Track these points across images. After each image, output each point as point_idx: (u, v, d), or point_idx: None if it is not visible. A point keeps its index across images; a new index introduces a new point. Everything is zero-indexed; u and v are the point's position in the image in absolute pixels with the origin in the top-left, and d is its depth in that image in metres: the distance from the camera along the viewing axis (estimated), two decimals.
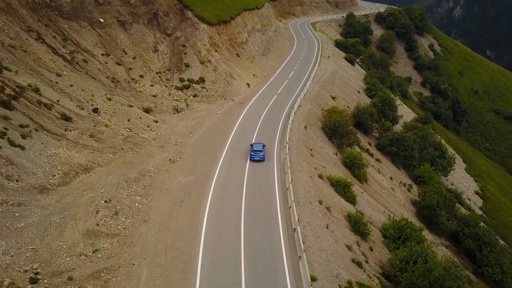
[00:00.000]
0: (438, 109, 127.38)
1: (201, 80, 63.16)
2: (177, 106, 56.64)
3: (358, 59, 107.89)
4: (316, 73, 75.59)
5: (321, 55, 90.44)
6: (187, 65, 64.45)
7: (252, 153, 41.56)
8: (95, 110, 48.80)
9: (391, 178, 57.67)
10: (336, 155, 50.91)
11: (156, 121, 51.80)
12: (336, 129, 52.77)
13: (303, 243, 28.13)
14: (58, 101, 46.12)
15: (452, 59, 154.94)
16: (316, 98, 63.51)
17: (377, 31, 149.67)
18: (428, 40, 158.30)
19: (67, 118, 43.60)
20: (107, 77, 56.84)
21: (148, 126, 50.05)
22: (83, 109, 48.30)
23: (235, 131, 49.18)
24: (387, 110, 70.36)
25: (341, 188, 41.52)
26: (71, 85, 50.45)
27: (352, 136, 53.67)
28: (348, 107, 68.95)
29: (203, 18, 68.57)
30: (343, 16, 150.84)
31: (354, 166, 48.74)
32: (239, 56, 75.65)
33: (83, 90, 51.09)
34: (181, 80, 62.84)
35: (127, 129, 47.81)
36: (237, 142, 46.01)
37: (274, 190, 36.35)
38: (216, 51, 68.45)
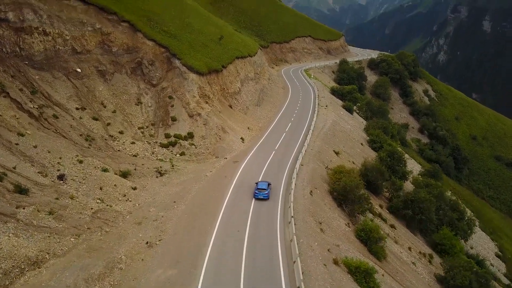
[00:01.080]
0: (439, 157, 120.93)
1: (190, 135, 55.37)
2: (161, 168, 48.30)
3: (355, 107, 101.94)
4: (316, 125, 68.52)
5: (318, 104, 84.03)
6: (174, 119, 56.87)
7: (256, 191, 40.80)
8: (61, 177, 40.30)
9: (409, 249, 49.05)
10: (348, 226, 42.47)
11: (135, 188, 43.24)
12: (347, 194, 44.68)
13: None
14: (14, 167, 37.73)
15: (447, 104, 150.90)
16: (319, 154, 55.86)
17: (371, 77, 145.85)
18: (422, 85, 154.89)
19: (21, 191, 35.02)
20: (81, 135, 48.74)
21: (124, 196, 41.42)
22: (46, 176, 39.82)
23: (228, 199, 40.74)
24: (395, 165, 62.87)
25: (362, 277, 32.79)
26: (35, 146, 42.25)
27: (364, 202, 45.54)
28: (353, 162, 61.33)
29: (192, 67, 61.89)
30: (336, 63, 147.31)
31: (371, 240, 40.25)
32: (232, 108, 68.55)
33: (49, 152, 42.85)
34: (167, 136, 54.98)
35: (98, 201, 39.13)
36: (231, 216, 37.46)
37: None
38: (206, 102, 61.27)
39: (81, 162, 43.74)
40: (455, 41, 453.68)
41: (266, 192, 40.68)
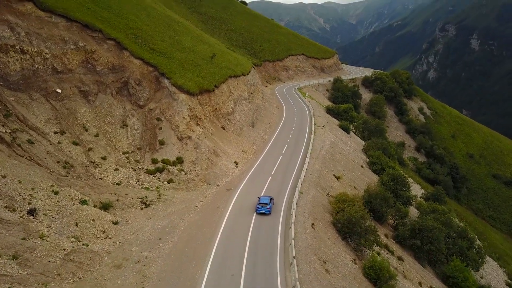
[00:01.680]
0: (437, 176, 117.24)
1: (179, 160, 50.77)
2: (146, 198, 43.50)
3: (352, 126, 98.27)
4: (314, 147, 64.35)
5: (314, 124, 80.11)
6: (162, 143, 52.35)
7: (258, 206, 40.36)
8: (31, 212, 35.33)
9: (420, 284, 44.40)
10: (355, 263, 37.82)
11: (116, 223, 38.32)
12: (352, 226, 40.16)
13: None
14: None
15: (443, 122, 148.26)
16: (319, 179, 51.46)
17: (365, 95, 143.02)
18: (417, 103, 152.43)
19: None
20: (58, 162, 43.89)
21: (104, 232, 36.48)
22: (14, 210, 34.83)
23: (221, 236, 35.98)
24: (399, 190, 58.67)
25: None
26: (3, 176, 37.29)
27: (371, 234, 41.04)
28: (355, 187, 57.04)
29: (182, 87, 57.72)
30: (330, 81, 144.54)
31: (381, 280, 35.59)
32: (224, 129, 64.23)
33: (20, 182, 37.90)
34: (154, 161, 50.33)
35: (72, 239, 34.15)
36: (224, 256, 32.66)
37: None
38: (197, 124, 56.92)
39: (56, 193, 38.84)
40: (445, 59, 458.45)
41: (268, 207, 40.18)
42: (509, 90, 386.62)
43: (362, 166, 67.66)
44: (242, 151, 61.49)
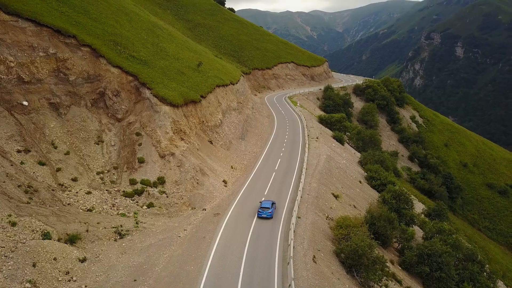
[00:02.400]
0: (431, 186, 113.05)
1: (160, 181, 44.91)
2: (121, 226, 37.51)
3: (345, 136, 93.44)
4: (309, 161, 59.06)
5: (308, 135, 74.94)
6: (141, 161, 46.45)
7: (259, 210, 39.99)
8: None
9: None
10: None
11: (83, 260, 32.23)
12: (358, 258, 34.74)
13: None
14: None
15: (435, 130, 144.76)
16: (317, 200, 46.04)
17: (357, 104, 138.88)
18: (409, 111, 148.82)
19: None
20: (19, 186, 37.68)
21: (67, 273, 30.37)
22: None
23: (208, 274, 30.18)
24: (402, 208, 53.61)
25: None
26: None
27: (379, 266, 35.68)
28: (355, 206, 51.80)
29: (164, 98, 51.99)
30: (320, 89, 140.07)
31: None
32: (212, 143, 58.53)
33: None
34: (132, 182, 44.40)
35: (27, 285, 28.02)
36: None
37: None
38: (182, 139, 51.16)
39: (14, 224, 32.67)
40: (430, 66, 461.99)
41: (270, 211, 39.81)
42: (494, 97, 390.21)
43: (360, 182, 62.55)
44: (232, 168, 55.82)
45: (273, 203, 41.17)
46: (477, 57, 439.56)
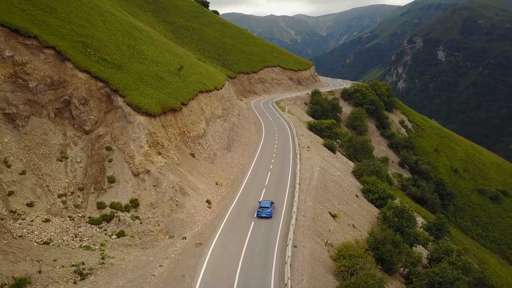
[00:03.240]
0: (423, 194, 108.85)
1: (133, 204, 38.41)
2: (84, 264, 30.85)
3: (336, 143, 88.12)
4: (302, 175, 53.28)
5: (298, 144, 69.25)
6: (111, 180, 39.87)
7: (258, 210, 40.03)
8: None
9: None
10: None
11: None
12: None
13: None
14: None
15: (424, 135, 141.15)
16: (314, 223, 40.16)
17: (345, 108, 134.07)
18: (398, 116, 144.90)
19: None
20: None
21: None
22: None
23: None
24: (405, 227, 48.21)
25: None
26: None
27: None
28: (354, 226, 46.11)
29: (139, 107, 45.49)
30: (308, 94, 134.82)
31: None
32: (194, 157, 52.12)
33: None
34: (100, 206, 37.78)
35: None
36: None
37: None
38: (159, 153, 44.72)
39: None
40: (413, 69, 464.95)
41: (269, 210, 39.89)
42: (475, 100, 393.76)
43: (357, 196, 57.03)
44: (217, 184, 49.59)
45: (272, 203, 41.38)
46: (458, 60, 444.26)
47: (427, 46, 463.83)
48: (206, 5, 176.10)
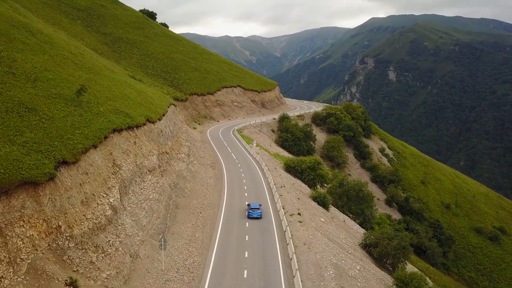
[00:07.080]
0: (421, 241, 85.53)
1: None
2: None
3: (324, 191, 62.21)
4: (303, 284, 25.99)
5: (283, 207, 42.23)
6: None
7: (249, 211, 39.93)
8: None
9: None
10: None
11: None
12: None
13: None
14: None
15: (408, 164, 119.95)
16: None
17: (319, 135, 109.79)
18: (377, 143, 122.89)
19: None
20: None
21: None
22: None
23: None
24: None
25: None
26: None
27: None
28: None
29: None
30: (274, 119, 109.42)
31: None
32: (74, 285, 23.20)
33: None
34: None
35: None
36: None
37: None
38: None
39: None
40: (366, 89, 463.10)
41: (260, 211, 39.98)
42: (426, 118, 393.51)
43: None
44: None
45: (260, 205, 40.83)
46: (408, 80, 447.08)
47: (378, 66, 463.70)
48: (153, 16, 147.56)
